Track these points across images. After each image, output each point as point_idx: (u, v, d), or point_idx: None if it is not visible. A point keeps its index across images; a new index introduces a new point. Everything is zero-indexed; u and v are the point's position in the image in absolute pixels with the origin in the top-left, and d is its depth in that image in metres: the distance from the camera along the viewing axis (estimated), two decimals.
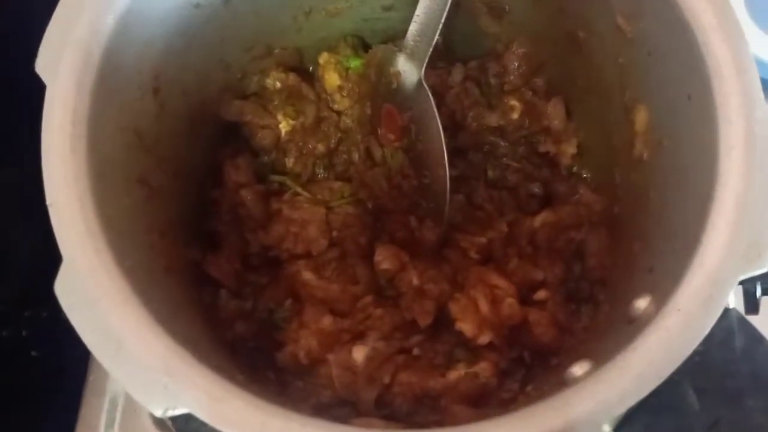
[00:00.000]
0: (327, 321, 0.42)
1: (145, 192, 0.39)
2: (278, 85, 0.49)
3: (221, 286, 0.45)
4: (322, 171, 0.50)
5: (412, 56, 0.45)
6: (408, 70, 0.45)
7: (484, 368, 0.42)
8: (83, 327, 0.30)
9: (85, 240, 0.32)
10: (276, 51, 0.49)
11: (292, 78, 0.50)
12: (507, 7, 0.48)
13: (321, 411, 0.37)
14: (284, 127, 0.50)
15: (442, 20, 0.43)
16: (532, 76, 0.49)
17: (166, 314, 0.33)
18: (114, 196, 0.35)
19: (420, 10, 0.44)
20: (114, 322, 0.30)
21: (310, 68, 0.52)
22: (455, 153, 0.48)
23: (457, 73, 0.50)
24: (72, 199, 0.32)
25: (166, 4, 0.39)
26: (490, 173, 0.49)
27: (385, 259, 0.44)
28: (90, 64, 0.35)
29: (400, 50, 0.46)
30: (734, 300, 0.45)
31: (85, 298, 0.31)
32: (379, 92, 0.47)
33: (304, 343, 0.41)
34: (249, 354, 0.42)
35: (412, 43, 0.45)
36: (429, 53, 0.44)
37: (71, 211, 0.32)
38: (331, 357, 0.40)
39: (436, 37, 0.43)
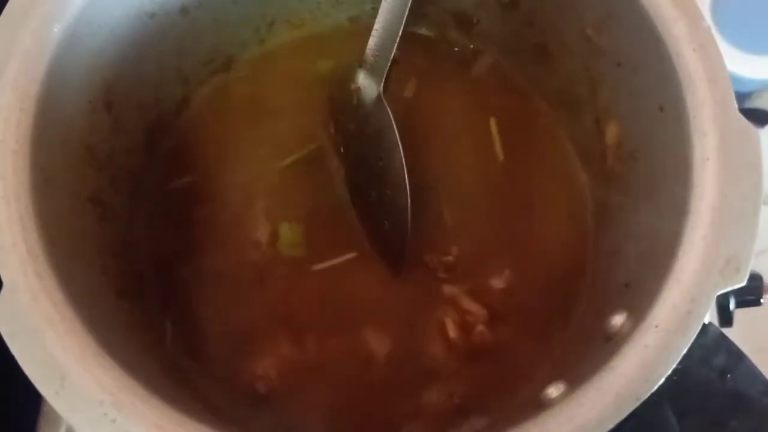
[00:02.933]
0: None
1: (97, 212, 0.37)
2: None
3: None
4: None
5: (372, 71, 0.44)
6: (368, 85, 0.44)
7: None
8: (25, 358, 0.28)
9: (27, 264, 0.29)
10: (237, 63, 0.48)
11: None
12: (475, 19, 0.48)
13: None
14: None
15: (399, 34, 0.42)
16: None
17: (117, 342, 0.31)
18: (61, 216, 0.33)
19: (378, 24, 0.43)
20: (58, 353, 0.28)
21: None
22: None
23: None
24: (13, 220, 0.30)
25: (118, 14, 0.37)
26: None
27: None
28: (34, 76, 0.33)
29: (360, 65, 0.45)
30: (709, 315, 0.45)
31: (26, 327, 0.29)
32: (340, 110, 0.46)
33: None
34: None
35: (371, 58, 0.44)
36: (387, 68, 0.43)
37: (12, 233, 0.30)
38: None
39: (394, 51, 0.43)
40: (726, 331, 0.44)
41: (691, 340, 0.29)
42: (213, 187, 0.46)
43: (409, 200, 0.42)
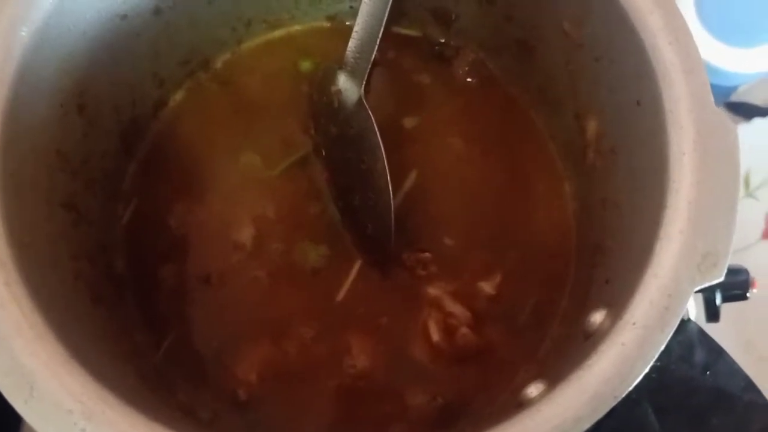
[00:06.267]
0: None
1: (71, 217, 0.37)
2: None
3: None
4: None
5: (352, 73, 0.44)
6: (349, 87, 0.44)
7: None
8: None
9: None
10: (214, 64, 0.47)
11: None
12: (454, 15, 0.47)
13: None
14: None
15: (380, 36, 0.42)
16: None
17: (90, 349, 0.30)
18: (32, 222, 0.32)
19: (358, 26, 0.43)
20: (26, 361, 0.28)
21: None
22: None
23: None
24: None
25: (89, 16, 0.37)
26: None
27: None
28: (2, 80, 0.32)
29: (340, 67, 0.44)
30: (695, 311, 0.45)
31: None
32: (321, 112, 0.46)
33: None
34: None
35: (352, 60, 0.43)
36: (368, 69, 0.43)
37: None
38: None
39: (375, 52, 0.42)
40: (713, 326, 0.44)
41: (669, 337, 0.29)
42: (192, 190, 0.46)
43: (392, 203, 0.42)
